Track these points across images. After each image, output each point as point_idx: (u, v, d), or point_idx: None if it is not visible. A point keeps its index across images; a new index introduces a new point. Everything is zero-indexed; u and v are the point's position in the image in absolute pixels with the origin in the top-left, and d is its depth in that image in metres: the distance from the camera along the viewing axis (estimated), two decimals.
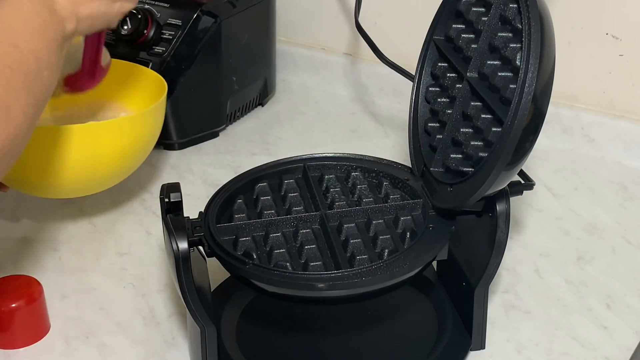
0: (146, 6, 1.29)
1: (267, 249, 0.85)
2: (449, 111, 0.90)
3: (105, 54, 0.98)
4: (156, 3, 1.29)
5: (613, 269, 1.06)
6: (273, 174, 0.95)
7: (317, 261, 0.82)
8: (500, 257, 0.86)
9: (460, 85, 0.88)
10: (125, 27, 1.26)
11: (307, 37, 1.53)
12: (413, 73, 0.97)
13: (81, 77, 0.95)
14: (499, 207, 0.84)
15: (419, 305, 0.97)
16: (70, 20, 0.75)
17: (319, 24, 1.51)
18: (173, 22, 1.27)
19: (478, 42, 0.86)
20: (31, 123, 0.67)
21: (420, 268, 0.83)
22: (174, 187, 0.85)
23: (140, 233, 1.12)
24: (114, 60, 1.11)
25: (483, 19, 0.86)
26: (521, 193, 0.87)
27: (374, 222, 0.87)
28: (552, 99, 0.78)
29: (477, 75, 0.86)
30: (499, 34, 0.82)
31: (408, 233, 0.86)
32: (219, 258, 0.83)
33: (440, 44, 0.93)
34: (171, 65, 1.26)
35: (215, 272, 0.90)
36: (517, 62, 0.79)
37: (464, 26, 0.90)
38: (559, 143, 1.31)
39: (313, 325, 0.95)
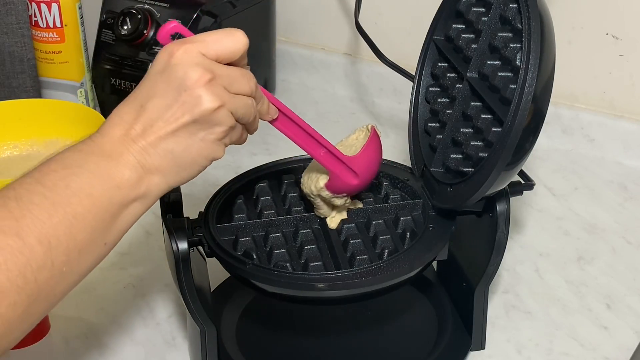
0: (146, 6, 1.28)
1: (267, 249, 0.85)
2: (449, 111, 0.90)
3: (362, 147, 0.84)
4: (156, 3, 1.29)
5: (613, 269, 1.06)
6: (273, 174, 0.95)
7: (317, 261, 0.82)
8: (500, 257, 0.86)
9: (460, 86, 0.88)
10: (125, 27, 1.27)
11: (307, 37, 1.53)
12: (413, 73, 0.97)
13: (336, 181, 0.83)
14: (499, 207, 0.84)
15: (419, 305, 0.97)
16: (134, 186, 0.67)
17: (319, 24, 1.51)
18: None
19: (478, 42, 0.86)
20: (27, 315, 0.61)
21: (420, 268, 0.83)
22: (174, 187, 0.85)
23: (140, 233, 1.12)
24: (63, 102, 1.17)
25: (483, 19, 0.86)
26: (521, 193, 0.87)
27: (374, 222, 0.87)
28: (552, 99, 0.78)
29: (477, 75, 0.86)
30: (499, 34, 0.82)
31: (408, 233, 0.86)
32: (219, 258, 0.83)
33: (440, 44, 0.93)
34: None
35: (215, 272, 0.90)
36: (517, 62, 0.78)
37: (464, 26, 0.90)
38: (559, 143, 1.31)
39: (313, 325, 0.95)
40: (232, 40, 0.69)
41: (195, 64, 0.67)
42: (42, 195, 0.63)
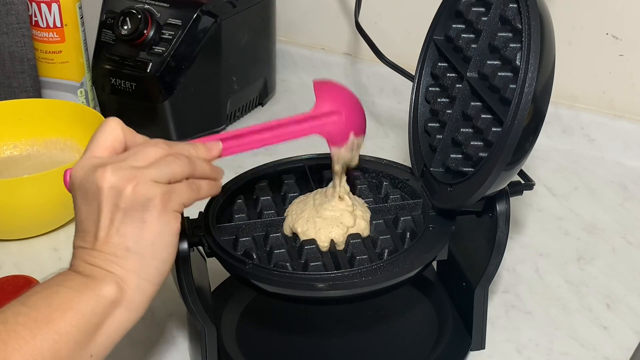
0: (146, 6, 1.28)
1: (267, 249, 0.85)
2: (449, 111, 0.90)
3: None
4: (156, 3, 1.29)
5: (613, 269, 1.06)
6: (273, 174, 0.95)
7: (317, 261, 0.82)
8: (500, 257, 0.86)
9: (460, 85, 0.88)
10: (125, 27, 1.27)
11: (307, 37, 1.53)
12: (413, 73, 0.97)
13: (331, 134, 0.86)
14: (499, 207, 0.84)
15: (419, 305, 0.97)
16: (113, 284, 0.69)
17: (319, 24, 1.51)
18: (173, 22, 1.27)
19: (478, 42, 0.86)
20: None
21: (420, 268, 0.83)
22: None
23: None
24: (63, 102, 1.23)
25: (483, 19, 0.86)
26: (521, 193, 0.87)
27: (374, 222, 0.87)
28: (552, 99, 0.78)
29: (477, 75, 0.86)
30: (499, 34, 0.82)
31: (408, 233, 0.86)
32: (219, 258, 0.83)
33: (440, 44, 0.93)
34: (171, 65, 1.26)
35: (215, 272, 0.90)
36: (517, 62, 0.78)
37: (464, 26, 0.90)
38: (559, 143, 1.31)
39: (313, 325, 0.95)
40: (106, 130, 0.72)
41: (92, 169, 0.69)
42: (26, 315, 0.65)
